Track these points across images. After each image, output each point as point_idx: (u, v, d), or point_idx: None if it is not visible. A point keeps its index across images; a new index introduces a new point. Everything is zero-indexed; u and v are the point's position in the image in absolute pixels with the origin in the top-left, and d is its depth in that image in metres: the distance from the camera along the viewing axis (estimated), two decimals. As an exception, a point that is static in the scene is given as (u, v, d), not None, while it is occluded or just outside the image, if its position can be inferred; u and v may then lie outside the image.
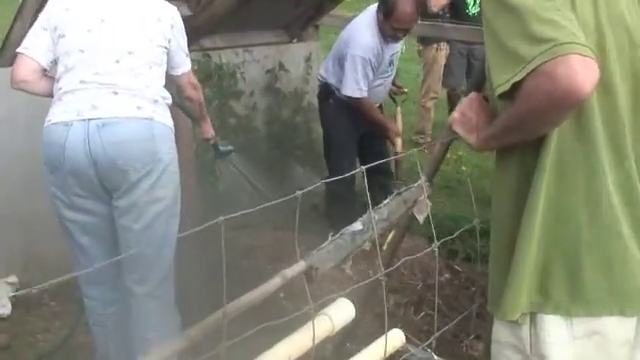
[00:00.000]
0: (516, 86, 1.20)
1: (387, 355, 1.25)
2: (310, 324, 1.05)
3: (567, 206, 1.31)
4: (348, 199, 3.82)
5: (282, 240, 3.35)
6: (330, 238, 1.18)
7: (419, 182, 1.32)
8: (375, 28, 3.59)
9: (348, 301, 1.16)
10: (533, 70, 1.16)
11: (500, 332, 1.42)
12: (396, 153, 3.86)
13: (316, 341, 1.04)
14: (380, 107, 4.00)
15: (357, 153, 3.90)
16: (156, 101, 2.28)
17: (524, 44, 1.18)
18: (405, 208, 1.31)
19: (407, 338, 1.29)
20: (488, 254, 4.09)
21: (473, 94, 1.49)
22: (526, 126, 1.27)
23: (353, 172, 1.62)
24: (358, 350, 1.29)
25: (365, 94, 3.67)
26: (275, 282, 1.02)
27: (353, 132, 3.81)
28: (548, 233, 1.32)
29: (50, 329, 3.06)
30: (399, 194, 1.32)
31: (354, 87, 3.64)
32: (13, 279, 3.26)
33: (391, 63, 3.77)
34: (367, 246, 1.19)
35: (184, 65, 2.50)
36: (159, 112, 2.28)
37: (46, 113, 2.27)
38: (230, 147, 2.96)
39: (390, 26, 3.52)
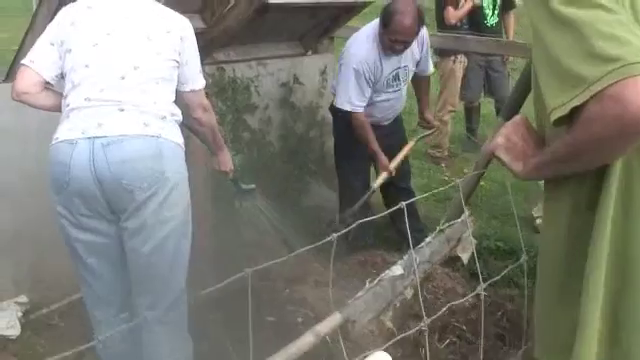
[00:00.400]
0: (575, 110, 1.07)
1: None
2: (345, 382, 0.94)
3: (636, 241, 1.18)
4: (363, 218, 3.70)
5: (299, 260, 3.23)
6: (367, 285, 1.06)
7: (462, 217, 1.20)
8: (375, 40, 3.47)
9: (386, 355, 1.04)
10: (597, 93, 1.03)
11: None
12: (370, 187, 3.55)
13: (353, 401, 0.93)
14: (397, 122, 3.86)
15: (370, 169, 3.77)
16: (164, 117, 2.18)
17: (585, 63, 1.05)
18: (448, 248, 1.20)
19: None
20: (511, 276, 3.90)
21: (518, 117, 1.36)
22: (585, 155, 1.14)
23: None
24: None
25: (359, 109, 3.48)
26: (308, 340, 0.91)
27: (362, 149, 3.61)
28: (616, 276, 1.19)
29: (60, 352, 2.95)
30: (441, 231, 1.20)
31: (344, 99, 3.48)
32: (23, 299, 3.17)
33: (396, 78, 3.61)
34: (409, 294, 1.07)
35: (194, 82, 2.36)
36: (167, 129, 2.18)
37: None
38: (252, 185, 2.76)
39: (387, 37, 3.40)
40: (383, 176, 3.57)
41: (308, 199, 4.31)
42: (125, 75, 2.17)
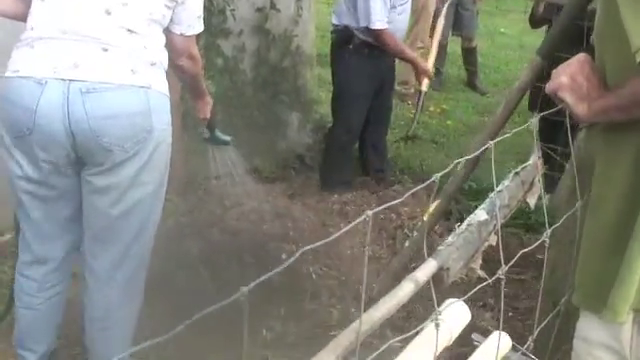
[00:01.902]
0: None
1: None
2: (427, 334, 0.87)
3: None
4: (347, 152, 3.71)
5: (264, 190, 3.14)
6: (457, 229, 0.98)
7: (532, 159, 1.12)
8: None
9: (462, 304, 0.98)
10: None
11: (591, 329, 1.28)
12: (420, 92, 3.90)
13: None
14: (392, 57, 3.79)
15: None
16: (154, 64, 1.89)
17: None
18: (523, 191, 1.12)
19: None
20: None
21: (582, 56, 1.27)
22: None
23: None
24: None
25: (387, 25, 3.45)
26: (408, 288, 0.83)
27: (370, 83, 3.60)
28: None
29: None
30: (517, 174, 1.12)
31: (378, 18, 3.40)
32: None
33: None
34: (493, 240, 1.01)
35: (189, 26, 2.02)
36: (157, 78, 1.90)
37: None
38: (228, 137, 2.58)
39: None
40: (426, 81, 3.81)
41: (279, 130, 4.19)
42: (111, 10, 1.82)
